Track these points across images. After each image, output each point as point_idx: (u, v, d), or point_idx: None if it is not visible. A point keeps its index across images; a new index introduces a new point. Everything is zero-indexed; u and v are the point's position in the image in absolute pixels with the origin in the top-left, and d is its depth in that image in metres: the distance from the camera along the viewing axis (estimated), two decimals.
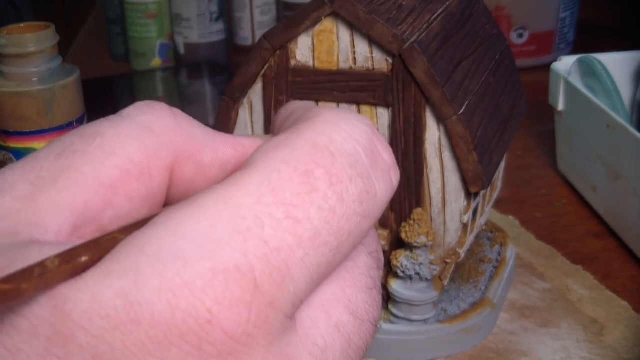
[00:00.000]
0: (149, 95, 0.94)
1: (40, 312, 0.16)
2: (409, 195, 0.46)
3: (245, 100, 0.47)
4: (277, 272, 0.17)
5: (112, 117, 0.21)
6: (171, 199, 0.22)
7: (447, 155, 0.44)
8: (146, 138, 0.20)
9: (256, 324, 0.17)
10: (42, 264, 0.16)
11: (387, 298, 0.48)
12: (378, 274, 0.22)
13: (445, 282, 0.47)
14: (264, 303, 0.17)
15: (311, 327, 0.19)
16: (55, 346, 0.16)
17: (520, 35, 0.94)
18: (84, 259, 0.17)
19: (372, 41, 0.43)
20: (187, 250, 0.17)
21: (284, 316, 0.17)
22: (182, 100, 0.91)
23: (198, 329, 0.16)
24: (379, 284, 0.22)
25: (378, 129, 0.45)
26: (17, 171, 0.20)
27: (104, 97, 0.89)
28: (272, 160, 0.18)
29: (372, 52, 0.44)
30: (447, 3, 0.48)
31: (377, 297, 0.21)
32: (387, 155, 0.20)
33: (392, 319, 0.48)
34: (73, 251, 0.17)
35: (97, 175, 0.20)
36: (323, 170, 0.18)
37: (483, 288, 0.52)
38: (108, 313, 0.16)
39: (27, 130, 0.55)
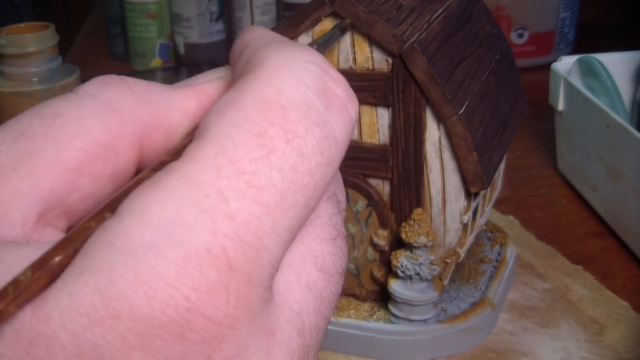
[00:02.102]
0: None
1: (21, 315, 0.16)
2: (409, 195, 0.46)
3: None
4: (249, 247, 0.17)
5: (70, 96, 0.20)
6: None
7: (447, 155, 0.44)
8: (109, 117, 0.20)
9: (236, 305, 0.17)
10: (15, 282, 0.16)
11: (387, 298, 0.48)
12: (340, 219, 0.21)
13: (445, 282, 0.47)
14: (242, 281, 0.17)
15: (285, 291, 0.19)
16: (37, 348, 0.16)
17: (520, 35, 0.94)
18: (57, 259, 0.17)
19: (372, 41, 0.43)
20: (157, 240, 0.16)
21: (263, 289, 0.17)
22: None
23: (178, 318, 0.16)
24: (342, 229, 0.21)
25: (378, 129, 0.45)
26: None
27: None
28: (224, 125, 0.18)
29: (372, 52, 0.44)
30: (447, 3, 0.48)
31: (341, 245, 0.21)
32: (341, 91, 0.19)
33: (392, 319, 0.48)
34: (46, 256, 0.17)
35: (60, 159, 0.19)
36: (277, 127, 0.18)
37: (483, 288, 0.52)
38: (87, 310, 0.16)
39: None
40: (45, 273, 0.16)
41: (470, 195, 0.45)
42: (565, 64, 0.67)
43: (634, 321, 0.51)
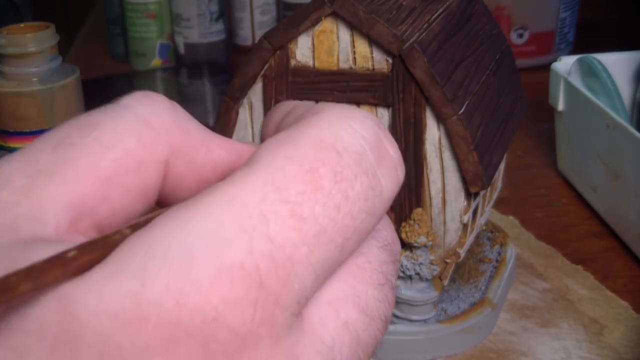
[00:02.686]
0: None
1: (47, 313, 0.16)
2: (409, 195, 0.46)
3: (245, 101, 0.47)
4: (281, 269, 0.17)
5: (110, 107, 0.21)
6: (162, 194, 0.22)
7: (447, 155, 0.44)
8: (144, 131, 0.20)
9: (261, 322, 0.17)
10: (41, 265, 0.16)
11: None
12: (392, 268, 0.22)
13: (445, 282, 0.48)
14: (269, 301, 0.17)
15: (319, 324, 0.19)
16: (63, 346, 0.16)
17: (520, 35, 0.94)
18: (88, 257, 0.17)
19: (372, 41, 0.43)
20: (194, 250, 0.17)
21: (289, 314, 0.17)
22: (182, 100, 0.91)
23: (204, 328, 0.16)
24: (393, 279, 0.22)
25: None
26: (14, 164, 0.19)
27: (104, 97, 0.88)
28: (277, 157, 0.18)
29: (372, 52, 0.44)
30: (447, 3, 0.48)
31: (388, 293, 0.21)
32: (393, 151, 0.20)
33: (392, 319, 0.48)
34: (82, 247, 0.17)
35: (94, 168, 0.19)
36: (328, 168, 0.18)
37: (483, 288, 0.52)
38: (116, 313, 0.16)
39: (27, 130, 0.55)
40: (74, 266, 0.17)
41: (470, 195, 0.45)
42: (565, 64, 0.67)
43: (634, 321, 0.51)
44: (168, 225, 0.17)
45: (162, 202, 0.22)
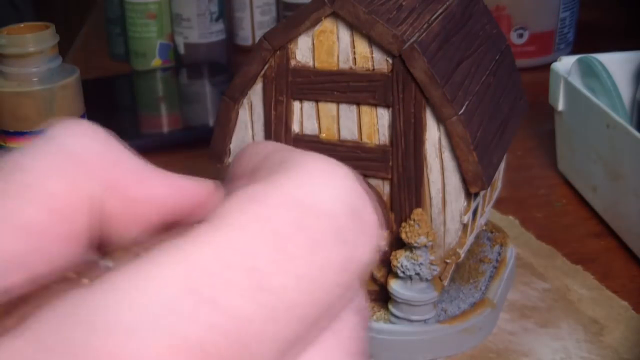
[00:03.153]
0: (149, 95, 0.94)
1: None
2: (409, 195, 0.46)
3: (245, 101, 0.47)
4: (245, 349, 0.15)
5: (35, 142, 0.18)
6: (102, 234, 0.19)
7: (447, 155, 0.44)
8: (70, 168, 0.18)
9: None
10: None
11: (387, 298, 0.48)
12: (365, 333, 0.20)
13: (445, 282, 0.48)
14: None
15: None
16: None
17: (520, 35, 0.94)
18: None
19: (372, 41, 0.43)
20: (142, 322, 0.14)
21: None
22: (182, 100, 0.91)
23: None
24: (366, 344, 0.20)
25: (378, 130, 0.45)
26: None
27: (104, 97, 0.89)
28: (246, 216, 0.16)
29: (372, 53, 0.44)
30: (447, 3, 0.48)
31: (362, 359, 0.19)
32: (373, 216, 0.18)
33: (392, 319, 0.48)
34: None
35: (17, 218, 0.17)
36: (305, 236, 0.16)
37: (483, 288, 0.52)
38: None
39: (27, 130, 0.55)
40: None
41: (470, 195, 0.45)
42: (565, 64, 0.67)
43: (634, 321, 0.51)
44: (112, 287, 0.15)
45: (104, 243, 0.19)
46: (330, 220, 0.17)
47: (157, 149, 0.75)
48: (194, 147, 0.74)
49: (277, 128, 0.47)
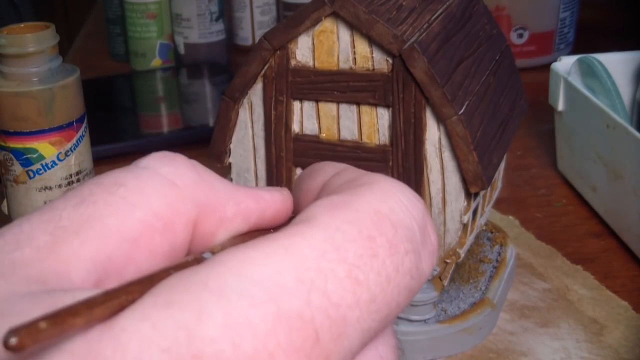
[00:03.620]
0: (149, 95, 0.94)
1: (94, 340, 0.16)
2: None
3: (245, 101, 0.47)
4: (335, 327, 0.17)
5: (131, 168, 0.20)
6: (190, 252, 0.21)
7: (447, 155, 0.44)
8: (170, 191, 0.20)
9: None
10: (87, 300, 0.16)
11: None
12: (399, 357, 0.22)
13: (445, 282, 0.48)
14: (322, 355, 0.17)
15: None
16: None
17: (520, 35, 0.94)
18: (132, 296, 0.16)
19: (372, 41, 0.43)
20: (252, 291, 0.16)
21: None
22: (182, 101, 0.91)
23: None
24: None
25: (378, 130, 0.45)
26: (34, 222, 0.19)
27: (104, 97, 0.89)
28: (336, 218, 0.19)
29: (372, 53, 0.44)
30: (447, 3, 0.48)
31: None
32: (434, 237, 0.21)
33: None
34: (125, 286, 0.16)
35: (120, 228, 0.19)
36: (384, 239, 0.19)
37: (483, 288, 0.52)
38: (169, 345, 0.15)
39: (27, 130, 0.55)
40: (117, 303, 0.16)
41: (470, 195, 0.45)
42: (565, 64, 0.67)
43: (634, 321, 0.51)
44: (225, 264, 0.17)
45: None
46: (404, 230, 0.19)
47: (157, 149, 0.74)
48: (194, 147, 0.74)
49: (277, 128, 0.47)
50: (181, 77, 0.96)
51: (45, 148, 0.55)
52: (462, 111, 0.43)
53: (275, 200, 0.23)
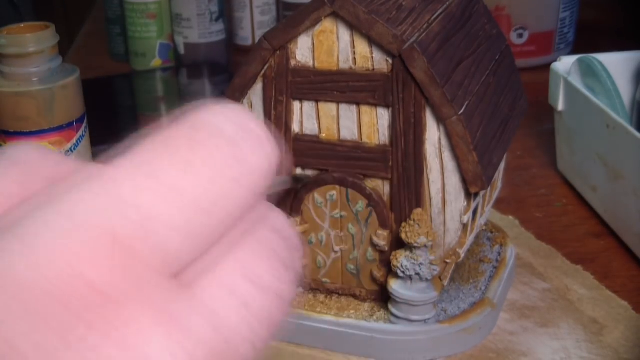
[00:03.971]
0: (149, 95, 0.94)
1: None
2: (409, 195, 0.46)
3: (245, 101, 0.47)
4: (154, 237, 0.18)
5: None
6: None
7: (447, 155, 0.44)
8: (13, 169, 0.21)
9: (123, 278, 0.17)
10: None
11: (387, 298, 0.48)
12: (288, 254, 0.22)
13: (445, 282, 0.48)
14: (129, 257, 0.17)
15: (201, 292, 0.19)
16: None
17: (520, 35, 0.94)
18: None
19: (372, 41, 0.43)
20: (47, 216, 0.17)
21: (155, 273, 0.18)
22: (182, 100, 0.91)
23: (62, 285, 0.16)
24: (292, 264, 0.22)
25: (378, 130, 0.45)
26: None
27: (104, 97, 0.89)
28: (152, 140, 0.19)
29: (372, 53, 0.44)
30: (447, 3, 0.48)
31: (283, 272, 0.21)
32: (259, 130, 0.21)
33: (392, 319, 0.48)
34: None
35: None
36: (184, 139, 0.19)
37: (483, 288, 0.52)
38: None
39: (27, 130, 0.55)
40: None
41: (470, 195, 0.45)
42: (565, 64, 0.67)
43: (634, 321, 0.51)
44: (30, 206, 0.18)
45: None
46: (207, 127, 0.20)
47: None
48: None
49: (277, 128, 0.47)
50: (181, 77, 0.96)
51: None
52: (462, 111, 0.43)
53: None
